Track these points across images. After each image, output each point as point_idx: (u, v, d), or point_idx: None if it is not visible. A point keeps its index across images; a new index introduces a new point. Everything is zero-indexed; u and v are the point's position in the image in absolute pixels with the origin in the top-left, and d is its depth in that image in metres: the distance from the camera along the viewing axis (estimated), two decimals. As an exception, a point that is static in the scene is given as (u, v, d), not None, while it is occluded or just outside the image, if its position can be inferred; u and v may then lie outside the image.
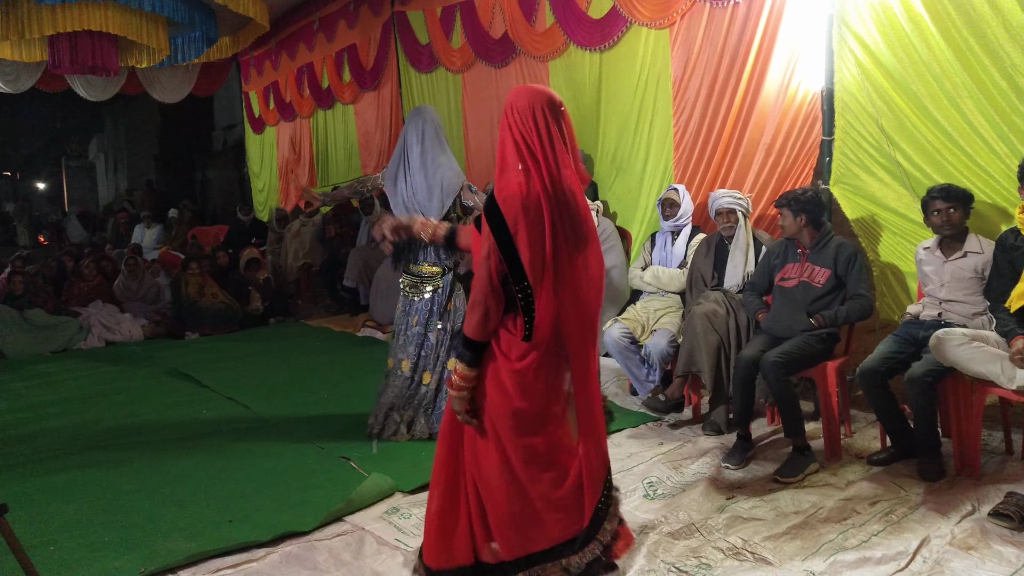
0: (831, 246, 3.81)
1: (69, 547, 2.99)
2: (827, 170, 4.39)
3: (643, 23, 5.33)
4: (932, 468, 3.33)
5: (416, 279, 4.14)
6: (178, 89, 11.18)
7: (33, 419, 4.85)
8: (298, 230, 9.24)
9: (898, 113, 4.02)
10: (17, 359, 6.74)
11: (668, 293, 4.68)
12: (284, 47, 10.62)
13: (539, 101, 2.14)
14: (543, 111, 2.13)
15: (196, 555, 2.86)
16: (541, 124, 2.12)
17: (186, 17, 7.43)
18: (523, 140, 2.12)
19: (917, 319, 3.66)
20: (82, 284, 8.05)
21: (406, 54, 8.18)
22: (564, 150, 2.15)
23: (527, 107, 2.13)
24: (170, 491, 3.54)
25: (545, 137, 2.12)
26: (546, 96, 2.16)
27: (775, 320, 3.84)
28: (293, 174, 11.25)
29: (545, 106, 2.13)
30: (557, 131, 2.14)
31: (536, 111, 2.12)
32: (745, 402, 3.69)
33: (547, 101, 2.15)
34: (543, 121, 2.12)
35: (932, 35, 3.79)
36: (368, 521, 3.14)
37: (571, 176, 2.17)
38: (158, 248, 11.22)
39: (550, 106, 2.14)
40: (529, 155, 2.11)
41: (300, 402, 4.96)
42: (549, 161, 2.11)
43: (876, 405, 3.54)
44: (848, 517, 3.01)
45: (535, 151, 2.11)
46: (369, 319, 7.31)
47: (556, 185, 2.12)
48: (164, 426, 4.58)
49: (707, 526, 2.97)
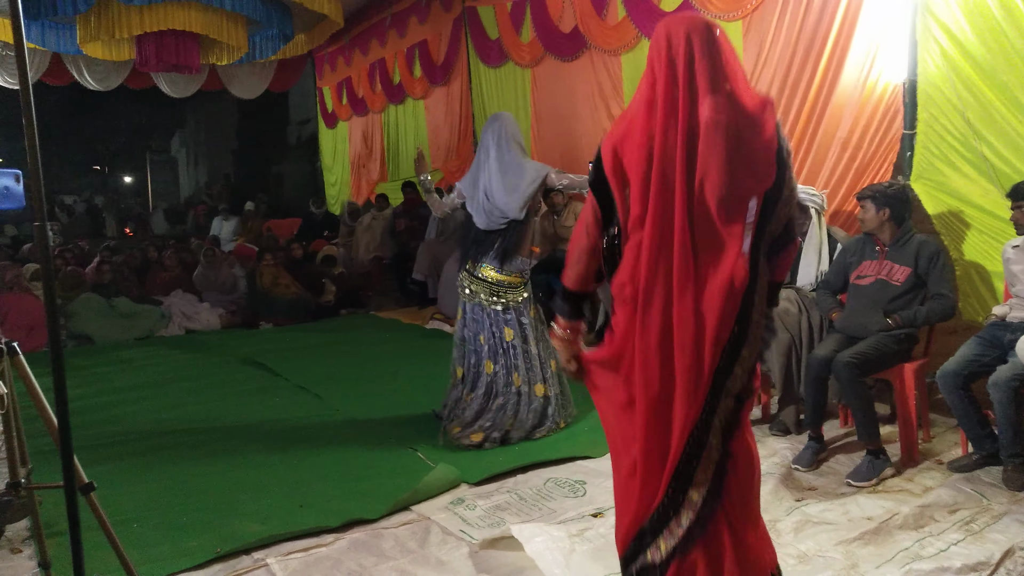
0: (912, 244, 3.67)
1: (148, 526, 3.12)
2: (908, 165, 4.23)
3: (715, 15, 5.23)
4: (1017, 476, 3.19)
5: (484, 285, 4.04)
6: (255, 85, 11.54)
7: (116, 403, 5.07)
8: (369, 223, 9.41)
9: (986, 105, 3.85)
10: (103, 344, 7.07)
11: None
12: (357, 43, 10.82)
13: (677, 29, 1.87)
14: (682, 40, 1.85)
15: (268, 538, 2.94)
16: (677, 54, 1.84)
17: (264, 15, 7.66)
18: (651, 75, 1.88)
19: (1003, 321, 3.50)
20: (164, 274, 8.38)
21: (476, 49, 8.23)
22: (708, 81, 1.83)
23: (660, 37, 1.88)
24: (243, 476, 3.65)
25: (681, 67, 1.83)
26: (688, 21, 1.89)
27: (850, 319, 3.72)
28: (365, 168, 11.46)
29: (685, 33, 1.85)
30: (702, 59, 1.83)
31: (672, 40, 1.86)
32: (817, 403, 3.59)
33: (689, 26, 1.87)
34: (682, 50, 1.84)
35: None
36: (434, 511, 3.19)
37: (715, 107, 1.81)
38: (235, 240, 11.58)
39: (692, 32, 1.85)
40: (653, 91, 1.87)
41: (368, 392, 5.05)
42: (676, 97, 1.83)
43: (957, 409, 3.41)
44: (925, 525, 2.90)
45: (658, 87, 1.85)
46: (437, 312, 7.39)
47: (684, 124, 1.83)
48: (238, 412, 4.73)
49: (776, 528, 2.91)
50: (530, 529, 2.83)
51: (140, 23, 7.19)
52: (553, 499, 3.28)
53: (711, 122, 1.81)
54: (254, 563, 2.81)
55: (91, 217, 18.54)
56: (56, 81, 10.66)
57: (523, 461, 3.64)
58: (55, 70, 10.25)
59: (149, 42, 7.70)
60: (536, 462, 3.64)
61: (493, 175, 3.92)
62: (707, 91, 1.83)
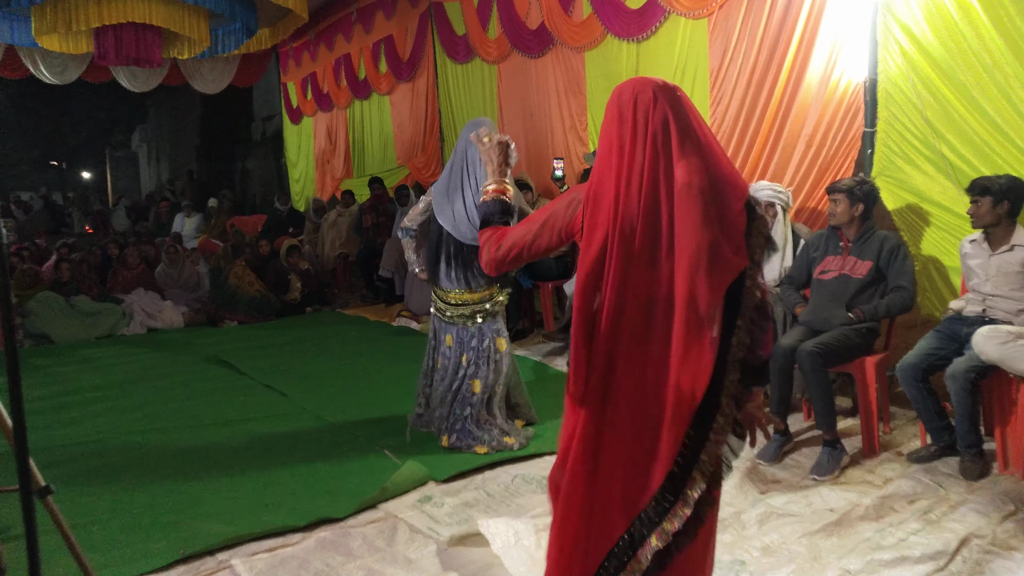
0: (875, 239, 3.74)
1: (111, 528, 3.07)
2: (869, 162, 4.31)
3: (681, 13, 5.27)
4: (974, 467, 3.27)
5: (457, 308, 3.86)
6: (218, 80, 11.36)
7: (78, 403, 4.97)
8: (335, 220, 9.33)
9: (944, 104, 3.93)
10: (63, 344, 6.92)
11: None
12: (322, 38, 10.72)
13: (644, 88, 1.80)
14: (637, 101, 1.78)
15: (233, 538, 2.91)
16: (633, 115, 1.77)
17: (227, 9, 7.54)
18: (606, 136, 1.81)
19: (960, 315, 3.58)
20: (126, 272, 8.22)
21: (442, 45, 8.20)
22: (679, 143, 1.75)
23: (625, 95, 1.80)
24: (208, 476, 3.61)
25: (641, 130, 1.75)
26: (654, 81, 1.81)
27: (813, 313, 3.78)
28: (329, 164, 11.36)
29: (641, 94, 1.78)
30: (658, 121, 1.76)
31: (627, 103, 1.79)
32: (782, 393, 3.65)
33: (656, 86, 1.79)
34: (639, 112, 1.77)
35: (983, 23, 3.70)
36: (401, 509, 3.17)
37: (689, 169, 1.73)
38: (198, 237, 11.41)
39: (655, 92, 1.78)
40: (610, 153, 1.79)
41: (335, 390, 5.01)
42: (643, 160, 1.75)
43: (916, 401, 3.48)
44: (886, 515, 2.96)
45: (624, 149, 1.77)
46: (404, 309, 7.36)
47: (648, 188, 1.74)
48: (203, 412, 4.66)
49: (740, 521, 2.95)
50: (496, 524, 2.83)
51: (99, 15, 7.03)
52: (521, 495, 3.29)
53: (685, 186, 1.72)
54: (219, 564, 2.78)
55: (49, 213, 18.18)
56: (11, 75, 10.41)
57: (491, 458, 3.64)
58: (9, 62, 10.00)
59: (108, 35, 7.53)
60: (504, 459, 3.65)
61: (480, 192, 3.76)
62: (680, 155, 1.74)
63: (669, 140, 1.75)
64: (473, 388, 3.83)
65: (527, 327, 6.39)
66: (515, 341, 6.04)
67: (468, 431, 3.78)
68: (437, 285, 3.91)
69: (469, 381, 3.84)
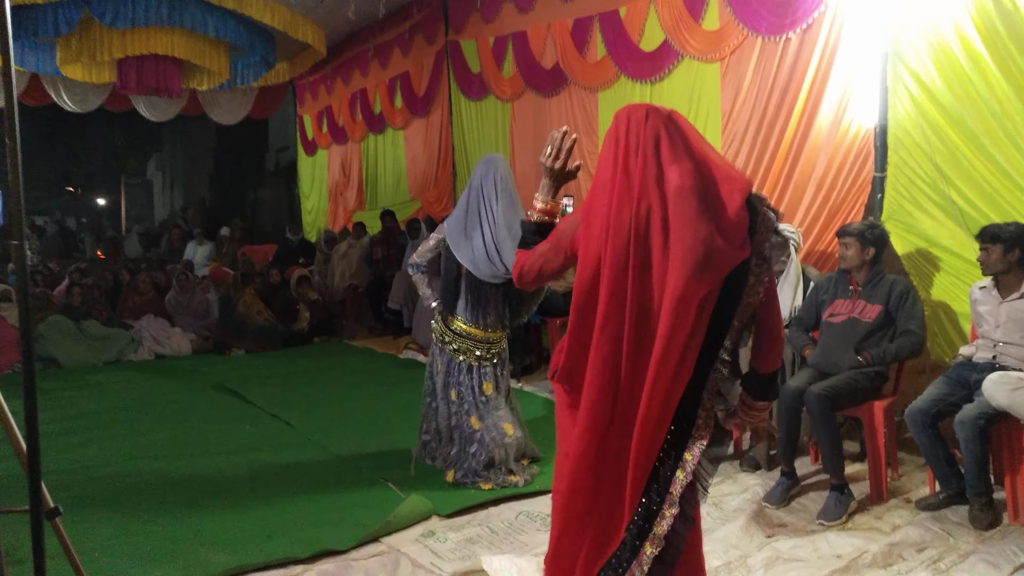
0: (884, 283, 3.74)
1: (114, 554, 3.06)
2: (878, 206, 4.33)
3: (694, 56, 5.35)
4: (983, 516, 3.23)
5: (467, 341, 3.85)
6: (236, 111, 11.52)
7: (84, 428, 4.97)
8: (345, 251, 9.39)
9: (953, 150, 3.96)
10: (71, 368, 6.94)
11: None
12: (339, 73, 10.88)
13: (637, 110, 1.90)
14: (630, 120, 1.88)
15: (235, 568, 2.90)
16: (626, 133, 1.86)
17: (247, 42, 7.69)
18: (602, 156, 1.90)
19: (970, 361, 3.57)
20: (136, 297, 8.27)
21: (457, 82, 8.31)
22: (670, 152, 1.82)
23: (619, 120, 1.91)
24: (212, 504, 3.59)
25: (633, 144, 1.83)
26: (647, 105, 1.92)
27: (822, 356, 3.77)
28: (342, 196, 11.46)
29: (634, 114, 1.88)
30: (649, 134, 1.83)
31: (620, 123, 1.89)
32: (790, 434, 3.63)
33: (649, 108, 1.89)
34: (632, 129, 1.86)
35: (991, 71, 3.74)
36: (404, 543, 3.15)
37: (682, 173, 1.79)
38: (209, 264, 11.47)
39: (647, 112, 1.87)
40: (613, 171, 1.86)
41: (341, 421, 5.00)
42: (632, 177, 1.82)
43: (925, 447, 3.45)
44: (893, 563, 2.93)
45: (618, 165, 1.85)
46: (412, 342, 7.36)
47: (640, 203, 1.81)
48: (208, 439, 4.66)
49: (746, 565, 2.92)
50: (500, 561, 2.81)
51: (122, 46, 7.17)
52: (525, 532, 3.26)
53: (678, 188, 1.78)
54: (220, 594, 2.76)
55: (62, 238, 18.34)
56: (33, 102, 10.58)
57: (495, 494, 3.62)
58: (33, 90, 10.17)
59: (130, 65, 7.68)
60: (508, 495, 3.63)
61: (500, 229, 3.68)
62: (671, 161, 1.80)
63: (659, 150, 1.82)
64: (472, 424, 3.82)
65: (534, 363, 6.39)
66: (523, 376, 6.04)
67: (474, 469, 3.77)
68: (452, 314, 3.88)
69: (467, 418, 3.84)
